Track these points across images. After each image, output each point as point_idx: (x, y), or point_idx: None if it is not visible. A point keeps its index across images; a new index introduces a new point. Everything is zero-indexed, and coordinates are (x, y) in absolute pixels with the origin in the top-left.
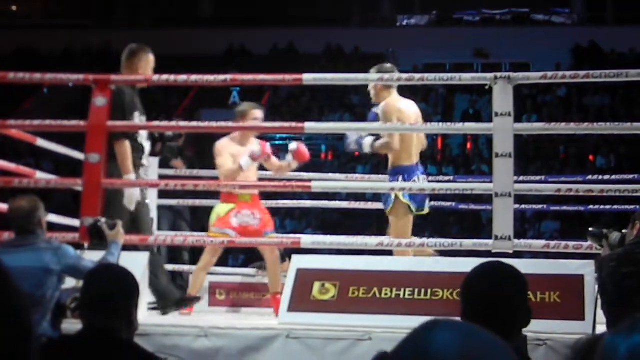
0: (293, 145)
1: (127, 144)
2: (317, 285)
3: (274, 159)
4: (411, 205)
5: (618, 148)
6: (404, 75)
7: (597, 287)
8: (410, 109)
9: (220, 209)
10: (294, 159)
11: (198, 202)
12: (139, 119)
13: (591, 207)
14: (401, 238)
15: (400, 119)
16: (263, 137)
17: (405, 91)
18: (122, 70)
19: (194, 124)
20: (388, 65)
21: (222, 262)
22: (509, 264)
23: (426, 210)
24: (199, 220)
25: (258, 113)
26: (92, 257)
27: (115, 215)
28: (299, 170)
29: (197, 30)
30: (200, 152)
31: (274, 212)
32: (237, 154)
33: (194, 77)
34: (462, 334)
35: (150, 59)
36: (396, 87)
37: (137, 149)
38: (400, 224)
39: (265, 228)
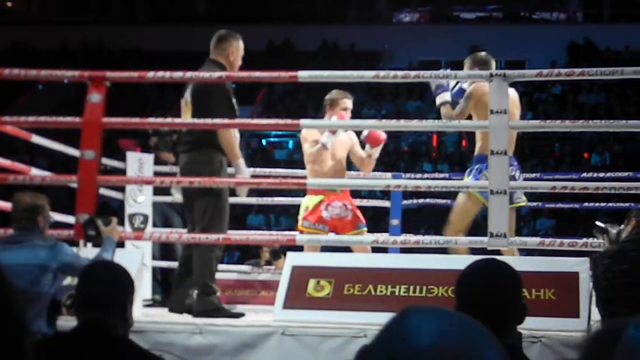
0: (365, 133)
1: (232, 132)
2: (312, 283)
3: (357, 148)
4: (485, 202)
5: (613, 146)
6: (400, 73)
7: (591, 284)
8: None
9: (309, 201)
10: (371, 146)
11: None
12: (236, 106)
13: (586, 204)
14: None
15: (478, 103)
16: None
17: (401, 88)
18: (211, 55)
19: (189, 120)
20: (483, 53)
21: None
22: (504, 261)
23: (520, 204)
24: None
25: (348, 102)
26: (88, 254)
27: (223, 207)
28: (294, 167)
29: (193, 26)
30: None
31: (269, 209)
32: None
33: (189, 74)
34: (438, 318)
35: (240, 45)
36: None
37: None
38: (463, 212)
39: (358, 220)
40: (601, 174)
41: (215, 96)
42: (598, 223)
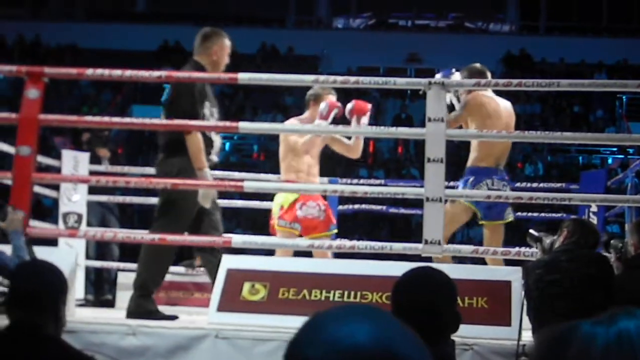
0: (349, 105)
1: (199, 137)
2: (247, 286)
3: (337, 137)
4: (477, 212)
5: (546, 156)
6: (339, 78)
7: (523, 293)
8: (497, 105)
9: (284, 199)
10: (356, 116)
11: (128, 199)
12: (209, 109)
13: (519, 214)
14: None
15: (475, 114)
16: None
17: (339, 94)
18: (194, 55)
19: (127, 120)
20: (478, 65)
21: None
22: (439, 270)
23: (502, 222)
24: (129, 216)
25: (332, 97)
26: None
27: (180, 213)
28: (230, 169)
29: (131, 25)
30: (131, 149)
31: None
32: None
33: (128, 73)
34: (373, 322)
35: (225, 44)
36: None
37: (207, 144)
38: (449, 219)
39: (330, 222)
40: (534, 184)
41: (180, 98)
42: (532, 231)
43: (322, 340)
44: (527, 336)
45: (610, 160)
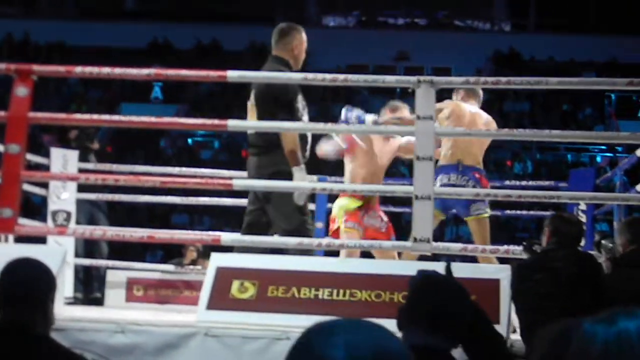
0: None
1: (294, 135)
2: (236, 284)
3: (403, 142)
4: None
5: (535, 154)
6: (328, 76)
7: (511, 291)
8: (465, 110)
9: (347, 204)
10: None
11: (117, 197)
12: (301, 103)
13: (508, 212)
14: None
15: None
16: None
17: (329, 92)
18: (273, 51)
19: (116, 117)
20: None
21: (139, 257)
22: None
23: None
24: (117, 214)
25: (406, 112)
26: None
27: (293, 213)
28: (219, 167)
29: (120, 23)
30: (120, 147)
31: (192, 209)
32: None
33: (117, 70)
34: (366, 336)
35: (303, 38)
36: (465, 92)
37: (302, 140)
38: None
39: (391, 234)
40: (523, 182)
41: (275, 98)
42: (525, 243)
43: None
44: (516, 334)
45: (599, 159)
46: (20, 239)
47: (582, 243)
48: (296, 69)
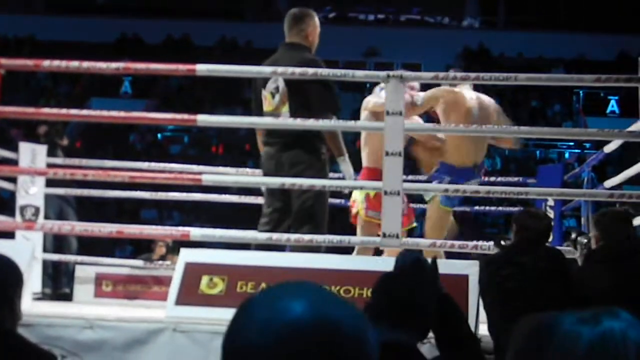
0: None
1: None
2: (205, 279)
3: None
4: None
5: (504, 150)
6: (298, 70)
7: (479, 287)
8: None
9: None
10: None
11: (86, 192)
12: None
13: (477, 208)
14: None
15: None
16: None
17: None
18: (287, 39)
19: (85, 112)
20: None
21: (108, 252)
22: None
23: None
24: (86, 209)
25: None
26: None
27: (323, 205)
28: (188, 162)
29: (90, 17)
30: (89, 142)
31: (161, 204)
32: None
33: (85, 64)
34: (307, 296)
35: (317, 23)
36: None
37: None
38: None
39: (413, 215)
40: (492, 178)
41: (317, 87)
42: (502, 242)
43: (257, 321)
44: (484, 330)
45: (567, 155)
46: None
47: (550, 239)
48: None
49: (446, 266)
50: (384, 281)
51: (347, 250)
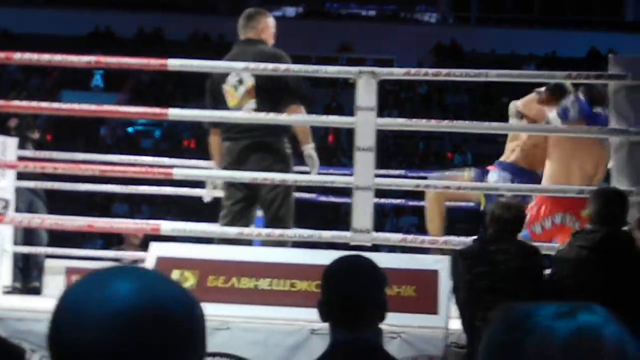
0: None
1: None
2: (176, 273)
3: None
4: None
5: (475, 146)
6: (270, 66)
7: (451, 282)
8: None
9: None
10: None
11: (57, 185)
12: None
13: (447, 203)
14: None
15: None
16: None
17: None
18: (244, 37)
19: (56, 105)
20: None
21: (79, 246)
22: (367, 258)
23: None
24: (56, 202)
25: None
26: None
27: (291, 201)
28: (161, 156)
29: (63, 10)
30: (60, 135)
31: (132, 198)
32: None
33: (57, 57)
34: (139, 282)
35: (270, 23)
36: (550, 94)
37: None
38: None
39: None
40: None
41: (288, 78)
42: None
43: (85, 314)
44: (455, 325)
45: None
46: None
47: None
48: None
49: (416, 262)
50: (329, 279)
51: (316, 245)
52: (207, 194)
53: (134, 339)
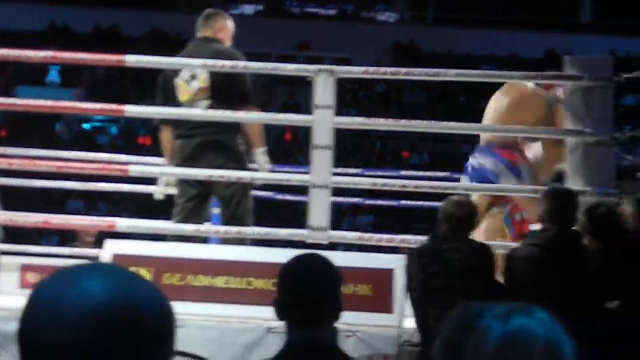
0: None
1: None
2: None
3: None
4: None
5: (432, 145)
6: (228, 63)
7: (405, 281)
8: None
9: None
10: None
11: (12, 181)
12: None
13: (404, 202)
14: None
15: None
16: None
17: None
18: (201, 35)
19: (11, 100)
20: None
21: (35, 242)
22: (323, 257)
23: None
24: (11, 198)
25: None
26: None
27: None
28: (117, 153)
29: (19, 4)
30: (15, 130)
31: (88, 194)
32: None
33: (13, 52)
34: (111, 280)
35: (228, 25)
36: None
37: None
38: None
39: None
40: (420, 173)
41: (242, 78)
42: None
43: (56, 312)
44: (409, 323)
45: None
46: None
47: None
48: None
49: (371, 260)
50: (285, 277)
51: (273, 243)
52: (159, 191)
53: (105, 337)
